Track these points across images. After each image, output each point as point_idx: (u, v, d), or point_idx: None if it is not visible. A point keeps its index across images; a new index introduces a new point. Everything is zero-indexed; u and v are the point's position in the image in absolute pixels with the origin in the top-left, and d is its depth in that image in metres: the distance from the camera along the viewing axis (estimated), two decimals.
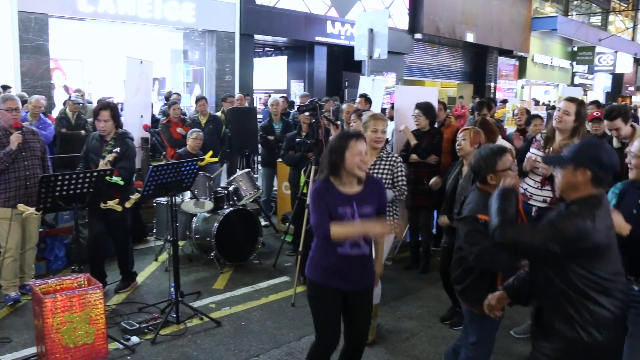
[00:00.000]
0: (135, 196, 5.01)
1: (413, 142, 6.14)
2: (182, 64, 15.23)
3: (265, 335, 4.77)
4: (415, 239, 6.58)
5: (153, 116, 9.20)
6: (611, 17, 33.12)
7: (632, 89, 34.00)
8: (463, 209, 3.44)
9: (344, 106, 7.62)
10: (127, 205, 4.95)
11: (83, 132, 8.69)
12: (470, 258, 3.23)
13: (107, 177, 4.71)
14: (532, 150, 4.66)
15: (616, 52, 29.34)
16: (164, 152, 6.17)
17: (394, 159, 4.53)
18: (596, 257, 2.48)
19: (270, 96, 13.37)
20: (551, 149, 4.47)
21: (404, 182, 4.53)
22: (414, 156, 6.16)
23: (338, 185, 3.23)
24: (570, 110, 4.33)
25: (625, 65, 31.27)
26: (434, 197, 5.77)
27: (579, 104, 4.39)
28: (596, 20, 32.15)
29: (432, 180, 5.45)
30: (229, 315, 5.19)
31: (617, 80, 32.90)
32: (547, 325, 2.63)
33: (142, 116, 7.22)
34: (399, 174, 4.51)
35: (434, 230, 6.75)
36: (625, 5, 33.98)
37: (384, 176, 4.45)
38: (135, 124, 6.95)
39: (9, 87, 9.68)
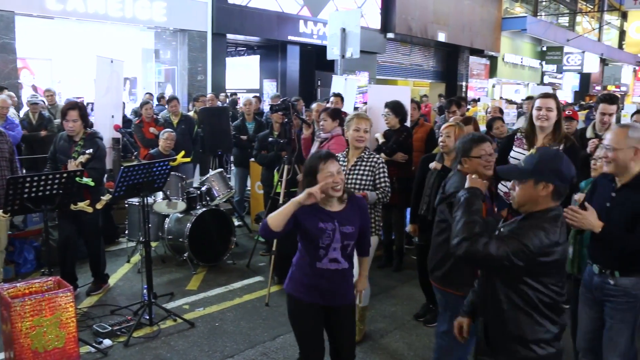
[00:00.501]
0: (106, 197, 4.94)
1: (381, 140, 6.20)
2: (154, 63, 15.07)
3: (240, 336, 4.76)
4: (388, 238, 6.62)
5: (125, 116, 9.09)
6: (578, 18, 33.75)
7: (599, 88, 34.65)
8: (446, 189, 3.52)
9: (314, 105, 7.63)
10: (98, 206, 4.89)
11: (43, 132, 8.53)
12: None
13: (77, 179, 4.64)
14: (515, 149, 4.59)
15: (583, 52, 29.91)
16: (135, 153, 6.09)
17: (375, 159, 4.44)
18: (554, 271, 2.47)
19: (229, 96, 13.33)
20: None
21: (387, 184, 4.41)
22: (382, 155, 6.19)
23: (320, 203, 3.20)
24: (552, 105, 4.34)
25: (592, 65, 31.88)
26: (405, 195, 5.82)
27: (555, 98, 4.43)
28: (564, 21, 32.72)
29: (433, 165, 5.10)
30: (203, 316, 5.17)
31: (585, 79, 33.54)
32: (497, 343, 2.61)
33: (113, 116, 7.14)
34: (382, 174, 4.40)
35: (406, 229, 6.80)
36: (591, 7, 34.65)
37: (365, 176, 4.37)
38: (106, 124, 6.88)
39: (5, 88, 9.49)
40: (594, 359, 3.42)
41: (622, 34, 39.36)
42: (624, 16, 37.89)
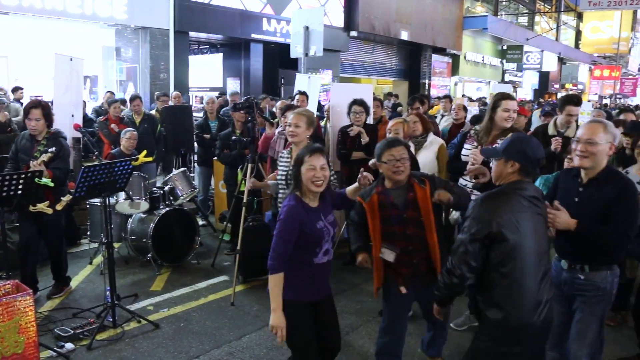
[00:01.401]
0: (66, 198, 4.84)
1: (365, 139, 6.15)
2: (115, 61, 14.81)
3: (205, 336, 4.74)
4: None
5: (85, 115, 8.93)
6: (537, 18, 34.50)
7: (557, 86, 35.54)
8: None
9: (278, 103, 7.64)
10: (58, 207, 4.79)
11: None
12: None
13: (37, 179, 4.54)
14: (466, 146, 4.68)
15: (542, 51, 30.57)
16: (96, 152, 6.00)
17: None
18: (509, 233, 2.70)
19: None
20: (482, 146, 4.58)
21: (333, 178, 4.41)
22: (359, 153, 6.18)
23: (306, 199, 3.23)
24: (516, 107, 4.46)
25: (550, 64, 32.64)
26: None
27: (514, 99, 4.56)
28: (523, 20, 33.41)
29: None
30: (168, 316, 5.12)
31: (544, 77, 34.31)
32: (480, 312, 2.85)
33: (73, 115, 7.00)
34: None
35: None
36: (549, 7, 35.44)
37: None
38: (66, 124, 6.73)
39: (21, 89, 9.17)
40: (560, 352, 3.51)
41: (578, 34, 40.41)
42: (579, 17, 38.89)
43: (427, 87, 22.99)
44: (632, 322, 4.60)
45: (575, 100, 5.39)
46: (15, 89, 11.20)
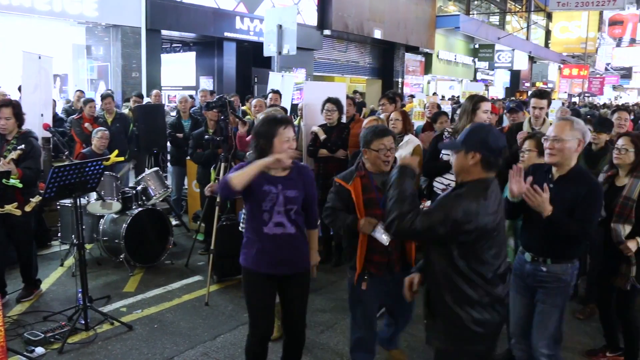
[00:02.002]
0: (35, 199, 4.76)
1: (322, 136, 6.24)
2: (86, 59, 14.58)
3: (180, 337, 4.70)
4: (327, 234, 6.67)
5: (56, 115, 8.78)
6: (508, 18, 34.94)
7: (528, 84, 36.04)
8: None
9: (254, 102, 7.62)
10: (27, 208, 4.70)
11: None
12: (324, 216, 3.62)
13: (4, 180, 4.45)
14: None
15: (513, 50, 30.97)
16: (67, 152, 5.91)
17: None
18: (481, 239, 2.59)
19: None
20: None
21: None
22: (323, 151, 6.25)
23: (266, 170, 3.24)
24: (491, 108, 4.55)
25: (521, 63, 33.07)
26: None
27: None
28: (495, 19, 33.80)
29: None
30: (141, 318, 5.07)
31: (515, 76, 34.77)
32: (435, 307, 2.77)
33: (42, 115, 6.88)
34: None
35: None
36: (520, 7, 35.94)
37: None
38: (35, 123, 6.60)
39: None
40: (526, 344, 3.59)
41: (547, 33, 41.06)
42: (549, 17, 39.53)
43: (400, 86, 23.12)
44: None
45: (538, 93, 5.53)
46: None
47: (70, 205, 5.89)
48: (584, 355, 4.55)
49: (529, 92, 30.91)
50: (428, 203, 5.03)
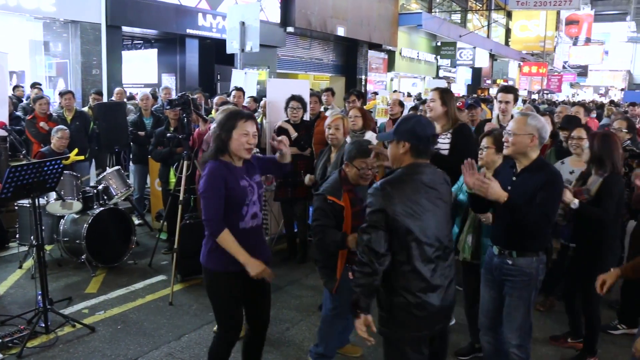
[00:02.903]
0: None
1: (294, 134, 6.19)
2: (43, 56, 14.24)
3: (144, 337, 4.65)
4: (291, 231, 6.69)
5: (12, 113, 8.55)
6: (469, 16, 35.46)
7: (489, 81, 36.66)
8: (320, 186, 3.80)
9: (216, 99, 7.57)
10: None
11: None
12: (312, 233, 3.65)
13: None
14: None
15: (474, 47, 31.44)
16: (24, 151, 5.77)
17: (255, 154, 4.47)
18: (406, 217, 2.70)
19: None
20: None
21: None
22: (293, 149, 6.22)
23: (229, 160, 3.24)
24: (435, 97, 4.65)
25: (482, 60, 33.61)
26: (309, 188, 5.90)
27: (441, 91, 4.74)
28: (456, 18, 34.26)
29: (307, 178, 5.62)
30: (104, 319, 5.00)
31: (476, 73, 35.31)
32: (384, 299, 2.84)
33: None
34: None
35: (309, 221, 6.89)
36: (480, 6, 36.52)
37: None
38: None
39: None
40: (494, 336, 3.68)
41: (508, 32, 41.81)
42: (509, 15, 40.25)
43: (363, 83, 23.25)
44: (559, 307, 4.87)
45: (504, 88, 5.76)
46: None
47: (28, 205, 5.75)
48: (547, 341, 4.74)
49: (490, 89, 31.48)
50: None
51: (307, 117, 6.71)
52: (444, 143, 4.59)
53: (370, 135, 5.65)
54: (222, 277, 3.26)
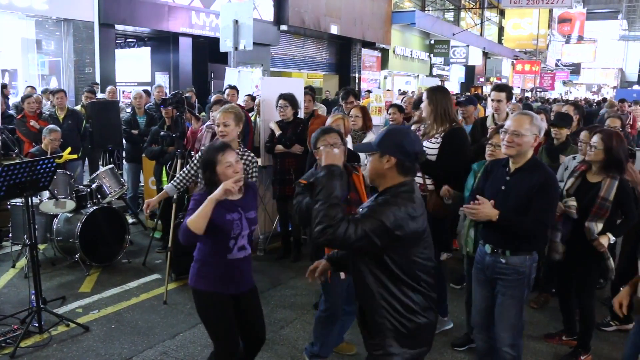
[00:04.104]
0: None
1: (277, 132, 6.26)
2: (36, 54, 14.17)
3: (138, 336, 4.65)
4: (285, 229, 6.69)
5: (5, 111, 8.51)
6: (462, 14, 35.53)
7: (482, 79, 36.76)
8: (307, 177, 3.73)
9: (213, 97, 7.57)
10: None
11: None
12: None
13: None
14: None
15: (468, 46, 31.53)
16: (16, 150, 5.74)
17: (249, 157, 4.42)
18: (413, 242, 2.51)
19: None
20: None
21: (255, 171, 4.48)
22: (279, 147, 6.26)
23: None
24: (424, 96, 4.58)
25: (476, 58, 33.70)
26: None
27: (430, 90, 4.63)
28: (450, 16, 34.33)
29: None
30: (98, 318, 4.98)
31: (470, 71, 35.40)
32: (371, 323, 2.63)
33: None
34: (253, 175, 4.42)
35: None
36: (473, 4, 36.60)
37: None
38: None
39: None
40: (487, 334, 3.68)
41: (501, 30, 41.94)
42: (502, 13, 40.39)
43: (357, 81, 23.26)
44: (553, 303, 4.89)
45: (496, 86, 5.77)
46: None
47: (21, 204, 5.73)
48: (542, 338, 4.76)
49: (484, 87, 31.56)
50: None
51: (301, 114, 6.71)
52: (432, 148, 4.42)
53: (371, 137, 5.64)
54: (212, 297, 3.28)
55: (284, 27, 18.59)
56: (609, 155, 4.03)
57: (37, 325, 4.58)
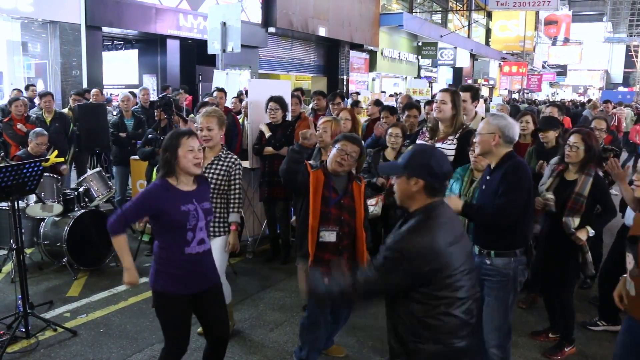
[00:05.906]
0: None
1: (267, 134, 6.26)
2: (22, 57, 14.07)
3: (127, 340, 4.62)
4: (273, 231, 6.68)
5: None
6: (450, 16, 35.72)
7: (470, 81, 36.89)
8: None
9: (207, 99, 7.56)
10: None
11: None
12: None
13: None
14: (418, 141, 4.76)
15: (455, 47, 31.68)
16: (2, 154, 5.69)
17: (232, 159, 4.32)
18: (442, 270, 2.36)
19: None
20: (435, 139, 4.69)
21: (239, 190, 4.35)
22: (268, 149, 6.26)
23: (176, 184, 3.24)
24: (446, 99, 4.57)
25: (463, 60, 33.87)
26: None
27: (452, 93, 4.63)
28: (437, 18, 34.50)
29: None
30: (86, 323, 4.95)
31: (458, 73, 35.57)
32: (408, 346, 2.49)
33: None
34: (237, 177, 4.32)
35: (291, 221, 6.90)
36: (461, 6, 36.80)
37: (220, 177, 4.25)
38: None
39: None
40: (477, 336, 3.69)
41: (488, 32, 42.20)
42: (489, 15, 40.63)
43: (345, 83, 23.30)
44: (541, 303, 4.94)
45: (461, 87, 5.64)
46: None
47: (7, 208, 5.68)
48: (529, 336, 4.80)
49: None
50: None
51: (289, 117, 6.72)
52: (449, 149, 4.48)
53: None
54: (168, 299, 3.28)
55: (272, 29, 18.60)
56: (590, 153, 4.21)
57: (24, 330, 4.54)
